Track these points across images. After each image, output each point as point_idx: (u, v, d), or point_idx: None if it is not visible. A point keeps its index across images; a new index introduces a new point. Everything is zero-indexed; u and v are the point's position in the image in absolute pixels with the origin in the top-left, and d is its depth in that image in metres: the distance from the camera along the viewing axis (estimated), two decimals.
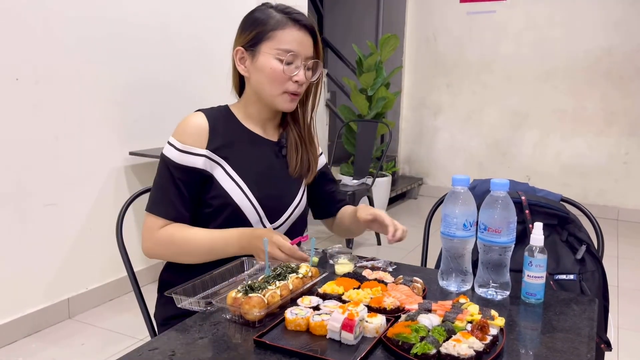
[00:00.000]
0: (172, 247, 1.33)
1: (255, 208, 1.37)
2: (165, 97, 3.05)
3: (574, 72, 4.91)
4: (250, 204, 1.36)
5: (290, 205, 1.45)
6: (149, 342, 0.97)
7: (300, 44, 1.34)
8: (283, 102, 1.38)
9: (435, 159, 5.69)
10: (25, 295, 2.53)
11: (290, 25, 1.33)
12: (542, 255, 1.12)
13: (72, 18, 2.58)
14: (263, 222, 1.39)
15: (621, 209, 4.87)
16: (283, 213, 1.43)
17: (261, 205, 1.38)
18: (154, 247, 1.34)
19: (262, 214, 1.38)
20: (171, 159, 1.33)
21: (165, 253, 1.35)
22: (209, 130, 1.36)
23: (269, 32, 1.33)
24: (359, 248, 3.92)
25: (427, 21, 5.50)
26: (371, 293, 1.09)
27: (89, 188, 2.77)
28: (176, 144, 1.34)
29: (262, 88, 1.37)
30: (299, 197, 1.47)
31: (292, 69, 1.34)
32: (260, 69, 1.35)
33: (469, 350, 0.87)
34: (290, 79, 1.35)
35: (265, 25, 1.34)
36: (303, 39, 1.35)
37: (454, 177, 1.18)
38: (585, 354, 0.92)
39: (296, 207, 1.46)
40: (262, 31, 1.34)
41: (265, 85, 1.36)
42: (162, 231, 1.32)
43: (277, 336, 0.96)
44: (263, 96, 1.38)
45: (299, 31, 1.34)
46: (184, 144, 1.33)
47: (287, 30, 1.33)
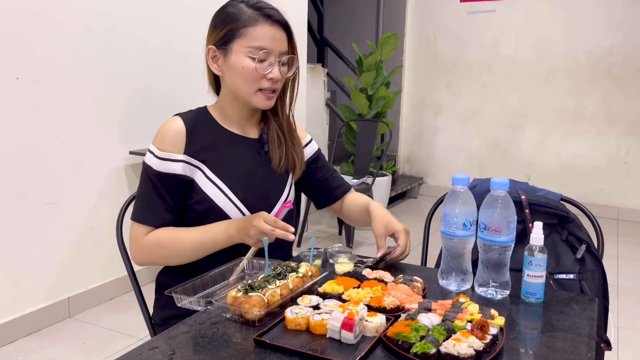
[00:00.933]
0: (161, 250, 1.31)
1: (240, 210, 1.35)
2: (166, 97, 3.04)
3: (575, 72, 4.90)
4: (235, 206, 1.34)
5: (277, 202, 1.42)
6: (149, 341, 0.97)
7: (272, 40, 1.31)
8: (259, 101, 1.35)
9: (435, 158, 5.69)
10: (25, 295, 2.53)
11: (262, 21, 1.30)
12: (542, 255, 1.12)
13: (73, 17, 2.58)
14: None
15: (621, 208, 4.87)
16: (270, 211, 1.41)
17: (246, 206, 1.36)
18: (143, 254, 1.33)
19: (247, 214, 1.36)
20: (151, 167, 1.32)
21: (155, 257, 1.33)
22: (186, 134, 1.34)
23: (240, 30, 1.30)
24: (359, 247, 3.92)
25: (428, 20, 5.50)
26: (371, 292, 1.09)
27: (89, 187, 2.77)
28: (155, 151, 1.33)
29: (237, 87, 1.34)
30: (285, 193, 1.44)
31: (265, 66, 1.31)
32: (233, 68, 1.32)
33: (468, 350, 0.87)
34: (264, 77, 1.31)
35: (236, 22, 1.30)
36: (275, 35, 1.31)
37: (454, 176, 1.18)
38: (585, 353, 0.92)
39: (285, 201, 1.44)
40: (233, 28, 1.30)
41: (239, 84, 1.33)
42: (149, 237, 1.31)
43: (277, 335, 0.96)
44: (239, 95, 1.36)
45: (271, 27, 1.31)
46: (162, 151, 1.32)
47: (259, 26, 1.30)
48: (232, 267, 1.24)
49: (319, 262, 1.29)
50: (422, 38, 5.55)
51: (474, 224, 1.17)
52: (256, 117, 1.46)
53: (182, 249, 1.31)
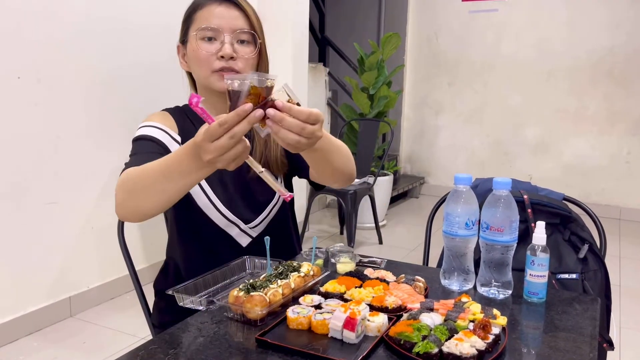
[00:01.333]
0: (128, 183, 1.07)
1: (220, 212, 1.31)
2: (167, 97, 3.04)
3: (577, 72, 4.90)
4: (215, 208, 1.30)
5: (269, 203, 1.37)
6: (150, 340, 0.97)
7: (220, 17, 1.26)
8: (215, 82, 1.27)
9: (436, 158, 5.69)
10: (26, 294, 2.53)
11: (209, 3, 1.27)
12: (545, 254, 1.12)
13: (74, 17, 2.58)
14: (236, 224, 1.33)
15: (623, 208, 4.86)
16: (260, 213, 1.35)
17: (230, 209, 1.31)
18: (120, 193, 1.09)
19: (231, 217, 1.32)
20: (141, 134, 1.26)
21: (124, 195, 1.08)
22: (176, 127, 1.33)
23: (191, 17, 1.29)
24: (360, 247, 3.92)
25: (429, 20, 5.49)
26: (373, 292, 1.09)
27: (89, 186, 2.77)
28: (145, 124, 1.28)
29: (196, 74, 1.31)
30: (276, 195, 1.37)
31: (215, 45, 1.26)
32: (189, 55, 1.30)
33: (471, 349, 0.87)
34: (214, 56, 1.26)
35: (190, 10, 1.30)
36: (224, 13, 1.26)
37: (457, 175, 1.18)
38: (588, 354, 0.92)
39: (275, 205, 1.38)
40: (187, 18, 1.30)
41: (196, 70, 1.29)
42: (124, 173, 1.12)
43: (279, 335, 0.96)
44: (200, 82, 1.31)
45: (218, 6, 1.27)
46: (158, 122, 1.29)
47: (205, 8, 1.27)
48: (233, 267, 1.24)
49: (320, 261, 1.29)
50: (424, 37, 5.55)
51: (476, 224, 1.17)
52: None
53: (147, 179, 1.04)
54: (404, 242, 4.11)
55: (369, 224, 4.26)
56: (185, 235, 1.37)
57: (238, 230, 1.35)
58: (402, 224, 4.62)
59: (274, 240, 1.20)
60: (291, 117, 0.90)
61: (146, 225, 3.03)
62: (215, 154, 0.88)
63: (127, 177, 1.08)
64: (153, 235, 3.10)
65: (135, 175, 1.06)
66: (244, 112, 0.86)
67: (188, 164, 0.96)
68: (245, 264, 1.27)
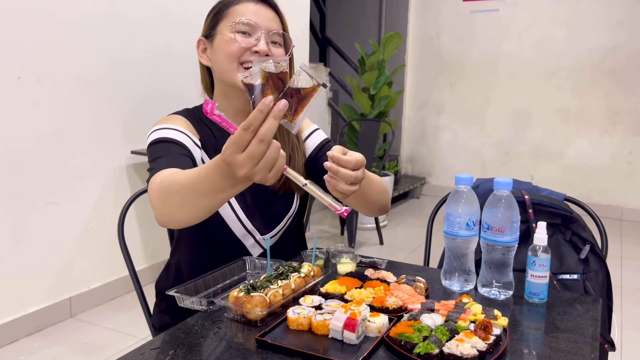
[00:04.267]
0: (162, 193, 1.00)
1: (242, 222, 1.29)
2: (167, 96, 3.04)
3: (578, 72, 4.89)
4: (237, 218, 1.28)
5: (285, 216, 1.35)
6: (151, 341, 0.97)
7: (257, 15, 1.24)
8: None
9: (437, 158, 5.68)
10: (27, 294, 2.53)
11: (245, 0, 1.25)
12: (546, 255, 1.12)
13: (74, 17, 2.58)
14: (253, 235, 1.32)
15: (625, 208, 4.86)
16: (278, 224, 1.34)
17: (250, 217, 1.30)
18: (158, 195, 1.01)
19: (249, 227, 1.31)
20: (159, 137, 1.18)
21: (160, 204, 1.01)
22: (194, 127, 1.28)
23: (224, 11, 1.26)
24: (361, 247, 3.92)
25: (430, 20, 5.49)
26: (374, 292, 1.09)
27: (90, 187, 2.77)
28: (161, 126, 1.21)
29: (221, 68, 1.25)
30: (294, 203, 1.36)
31: (250, 40, 1.23)
32: (217, 48, 1.25)
33: (472, 350, 0.86)
34: (248, 50, 1.22)
35: (221, 5, 1.27)
36: (260, 11, 1.25)
37: (457, 176, 1.18)
38: (589, 354, 0.92)
39: (292, 215, 1.37)
40: (217, 12, 1.27)
41: (223, 62, 1.24)
42: (157, 178, 1.04)
43: (279, 335, 0.96)
44: (225, 79, 1.26)
45: (255, 4, 1.25)
46: (170, 124, 1.23)
47: (242, 4, 1.25)
48: (233, 267, 1.24)
49: (321, 262, 1.29)
50: (425, 37, 5.54)
51: (477, 224, 1.17)
52: None
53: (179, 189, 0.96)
54: (404, 242, 4.11)
55: (369, 225, 4.26)
56: (196, 241, 1.34)
57: (253, 241, 1.34)
58: (403, 225, 4.62)
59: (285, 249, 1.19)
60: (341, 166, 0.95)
61: (146, 225, 3.04)
62: (248, 165, 0.79)
63: (161, 185, 1.00)
64: (153, 235, 3.10)
65: (167, 184, 0.99)
66: (266, 107, 0.77)
67: (219, 181, 0.87)
68: (245, 265, 1.27)
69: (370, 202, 1.24)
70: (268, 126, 0.77)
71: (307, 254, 1.32)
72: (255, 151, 0.78)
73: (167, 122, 1.26)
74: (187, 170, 0.98)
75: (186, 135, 1.22)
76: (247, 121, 0.78)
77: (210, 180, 0.88)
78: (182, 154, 1.14)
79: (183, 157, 1.11)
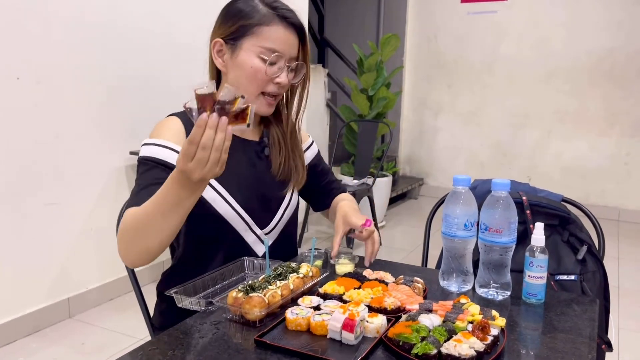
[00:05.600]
0: (134, 229, 1.08)
1: (241, 216, 1.30)
2: (166, 97, 3.04)
3: (576, 73, 4.90)
4: (235, 212, 1.29)
5: (280, 207, 1.38)
6: (149, 341, 0.97)
7: (285, 43, 1.25)
8: (261, 106, 1.28)
9: (435, 159, 5.69)
10: (25, 295, 2.53)
11: (277, 21, 1.23)
12: (543, 256, 1.12)
13: (73, 17, 2.58)
14: (252, 229, 1.33)
15: (622, 209, 4.87)
16: (273, 216, 1.36)
17: (248, 212, 1.31)
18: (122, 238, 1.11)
19: (249, 221, 1.31)
20: (148, 156, 1.23)
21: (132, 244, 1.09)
22: (185, 132, 1.28)
23: (253, 27, 1.23)
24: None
25: (428, 21, 5.50)
26: (372, 293, 1.09)
27: (89, 187, 2.77)
28: (153, 141, 1.24)
29: (240, 86, 1.26)
30: (288, 197, 1.40)
31: (275, 69, 1.25)
32: (241, 66, 1.25)
33: (469, 351, 0.87)
34: (271, 80, 1.26)
35: (249, 18, 1.23)
36: (289, 39, 1.25)
37: (455, 177, 1.18)
38: (586, 355, 0.92)
39: (286, 209, 1.39)
40: (245, 25, 1.23)
41: (244, 84, 1.25)
42: (122, 220, 1.12)
43: (277, 336, 0.96)
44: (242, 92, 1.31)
45: (285, 29, 1.24)
46: (162, 139, 1.25)
47: (274, 27, 1.23)
48: (232, 268, 1.24)
49: (319, 262, 1.29)
50: (423, 39, 5.55)
51: (475, 225, 1.17)
52: (256, 118, 1.40)
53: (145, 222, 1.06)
54: (402, 243, 4.11)
55: None
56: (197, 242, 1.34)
57: (254, 237, 1.34)
58: (401, 225, 4.63)
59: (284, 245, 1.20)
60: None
61: None
62: (199, 169, 0.95)
63: (127, 226, 1.09)
64: None
65: (133, 224, 1.08)
66: (203, 121, 0.93)
67: (178, 193, 1.01)
68: (244, 265, 1.27)
69: None
70: (207, 135, 0.93)
71: (305, 254, 1.32)
72: (201, 157, 0.94)
73: (160, 132, 1.27)
74: (149, 200, 1.06)
75: (170, 149, 1.23)
76: (190, 136, 0.93)
77: (172, 193, 1.01)
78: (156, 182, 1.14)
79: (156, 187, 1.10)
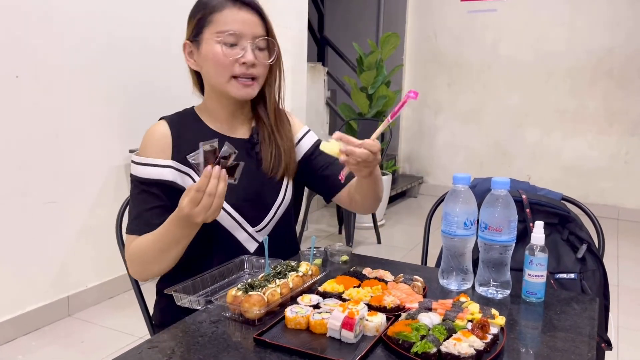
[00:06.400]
0: (143, 256, 1.24)
1: (231, 215, 1.30)
2: (165, 95, 3.04)
3: (576, 72, 4.90)
4: (227, 213, 1.29)
5: (272, 205, 1.36)
6: (149, 340, 0.97)
7: (241, 22, 1.25)
8: (234, 89, 1.28)
9: (435, 157, 5.69)
10: (25, 293, 2.53)
11: (230, 5, 1.25)
12: (543, 254, 1.12)
13: (73, 15, 2.58)
14: (243, 227, 1.33)
15: (621, 208, 4.87)
16: (265, 215, 1.35)
17: (239, 211, 1.31)
18: (131, 266, 1.28)
19: (240, 220, 1.32)
20: (138, 176, 1.28)
21: (139, 268, 1.27)
22: (172, 139, 1.30)
23: (208, 17, 1.25)
24: (359, 247, 3.92)
25: (428, 20, 5.50)
26: (371, 291, 1.09)
27: (89, 186, 2.76)
28: (140, 160, 1.29)
29: (211, 78, 1.29)
30: (282, 194, 1.38)
31: (236, 50, 1.25)
32: (205, 57, 1.27)
33: (469, 349, 0.87)
34: (236, 62, 1.25)
35: (204, 10, 1.27)
36: (245, 18, 1.25)
37: (455, 175, 1.18)
38: (586, 353, 0.92)
39: (280, 206, 1.38)
40: (201, 18, 1.27)
41: (213, 74, 1.28)
42: (130, 248, 1.26)
43: (277, 334, 0.96)
44: (215, 86, 1.30)
45: (239, 10, 1.25)
46: (147, 157, 1.28)
47: (226, 10, 1.25)
48: (231, 266, 1.24)
49: (319, 261, 1.29)
50: (423, 37, 5.55)
51: (474, 223, 1.17)
52: (245, 114, 1.39)
53: (152, 252, 1.23)
54: (402, 241, 4.11)
55: (367, 224, 4.26)
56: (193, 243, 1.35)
57: (246, 235, 1.34)
58: (400, 224, 4.63)
59: (279, 242, 1.21)
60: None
61: None
62: (202, 213, 1.09)
63: (133, 256, 1.26)
64: None
65: (138, 254, 1.24)
66: (208, 172, 1.07)
67: (180, 232, 1.17)
68: (243, 264, 1.27)
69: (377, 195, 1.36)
70: (212, 184, 1.08)
71: (305, 252, 1.32)
72: (206, 203, 1.08)
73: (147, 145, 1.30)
74: (151, 234, 1.22)
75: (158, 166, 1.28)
76: (197, 185, 1.07)
77: (172, 233, 1.18)
78: (153, 206, 1.27)
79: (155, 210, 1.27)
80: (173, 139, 1.30)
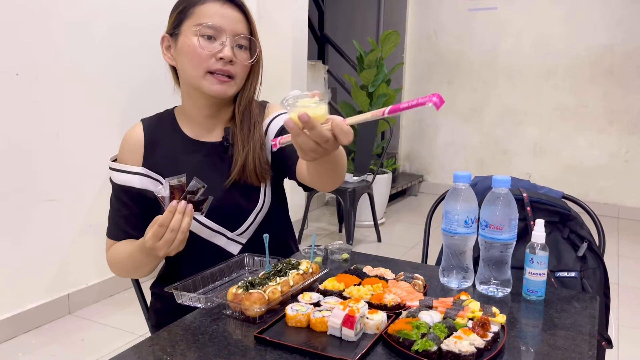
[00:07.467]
0: (118, 265, 1.30)
1: (207, 226, 1.27)
2: (165, 94, 3.03)
3: (576, 70, 4.90)
4: (200, 223, 1.26)
5: (251, 212, 1.30)
6: (149, 338, 0.97)
7: (223, 17, 1.20)
8: (209, 85, 1.21)
9: (435, 156, 5.69)
10: (25, 291, 2.53)
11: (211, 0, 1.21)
12: (544, 252, 1.12)
13: (73, 14, 2.57)
14: (222, 233, 1.29)
15: (622, 206, 4.87)
16: (244, 221, 1.30)
17: (214, 220, 1.27)
18: (111, 269, 1.34)
19: (217, 228, 1.28)
20: (112, 180, 1.32)
21: (119, 272, 1.34)
22: (144, 144, 1.28)
23: (189, 10, 1.22)
24: (359, 245, 3.92)
25: (428, 18, 5.49)
26: (372, 289, 1.09)
27: (89, 184, 2.76)
28: (113, 165, 1.32)
29: (185, 72, 1.24)
30: (261, 198, 1.31)
31: (215, 45, 1.20)
32: (181, 50, 1.22)
33: (470, 347, 0.87)
34: (213, 56, 1.20)
35: (187, 3, 1.23)
36: (227, 13, 1.21)
37: (456, 173, 1.18)
38: (587, 352, 0.92)
39: (259, 212, 1.32)
40: (182, 10, 1.23)
41: (188, 67, 1.22)
42: (109, 252, 1.32)
43: (277, 332, 0.96)
44: (190, 82, 1.24)
45: (222, 5, 1.21)
46: (119, 162, 1.30)
47: (208, 3, 1.21)
48: (231, 264, 1.24)
49: (319, 259, 1.29)
50: (423, 35, 5.54)
51: (475, 222, 1.17)
52: (222, 115, 1.32)
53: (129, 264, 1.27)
54: (402, 240, 4.11)
55: (367, 222, 4.26)
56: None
57: (226, 239, 1.31)
58: (401, 222, 4.63)
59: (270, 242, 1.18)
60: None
61: None
62: (165, 247, 1.09)
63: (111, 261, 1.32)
64: None
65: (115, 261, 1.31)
66: (173, 208, 1.06)
67: (145, 258, 1.20)
68: (244, 262, 1.27)
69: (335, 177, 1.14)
70: (176, 219, 1.06)
71: (305, 251, 1.32)
72: (168, 238, 1.08)
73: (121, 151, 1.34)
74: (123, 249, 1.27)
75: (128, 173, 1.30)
76: (161, 220, 1.06)
77: (139, 257, 1.21)
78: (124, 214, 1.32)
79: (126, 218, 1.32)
80: (145, 144, 1.29)
